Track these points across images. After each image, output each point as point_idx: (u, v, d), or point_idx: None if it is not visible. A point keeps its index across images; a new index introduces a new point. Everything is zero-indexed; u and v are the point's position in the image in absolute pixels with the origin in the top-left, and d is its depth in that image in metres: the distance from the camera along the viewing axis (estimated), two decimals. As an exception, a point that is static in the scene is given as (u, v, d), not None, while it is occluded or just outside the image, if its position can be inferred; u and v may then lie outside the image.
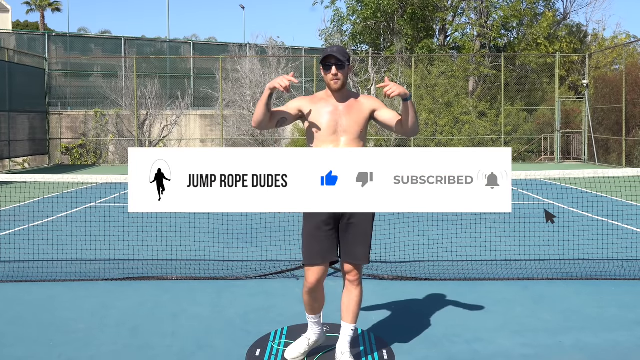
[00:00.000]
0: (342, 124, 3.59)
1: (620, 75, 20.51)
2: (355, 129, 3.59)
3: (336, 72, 3.55)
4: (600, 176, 6.47)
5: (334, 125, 3.58)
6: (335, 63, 3.54)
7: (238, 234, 8.06)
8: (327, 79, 3.59)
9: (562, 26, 28.87)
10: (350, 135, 3.59)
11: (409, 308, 4.92)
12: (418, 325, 4.50)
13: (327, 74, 3.57)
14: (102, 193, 12.68)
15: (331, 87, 3.61)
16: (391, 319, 4.64)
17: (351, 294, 3.70)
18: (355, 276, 3.67)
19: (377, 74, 26.20)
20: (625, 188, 11.24)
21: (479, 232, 7.96)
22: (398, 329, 4.42)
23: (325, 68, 3.57)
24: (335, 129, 3.58)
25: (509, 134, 24.04)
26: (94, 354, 4.00)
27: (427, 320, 4.62)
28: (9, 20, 38.92)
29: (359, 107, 3.63)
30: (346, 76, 3.60)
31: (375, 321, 4.59)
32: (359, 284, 3.70)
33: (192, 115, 25.71)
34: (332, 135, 3.58)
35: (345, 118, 3.59)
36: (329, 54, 3.55)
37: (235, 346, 4.11)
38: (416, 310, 4.87)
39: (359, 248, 3.62)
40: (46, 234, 7.96)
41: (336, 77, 3.56)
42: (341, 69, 3.56)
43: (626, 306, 4.93)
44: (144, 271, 6.11)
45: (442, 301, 5.07)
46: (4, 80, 19.52)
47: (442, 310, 4.84)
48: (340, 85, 3.59)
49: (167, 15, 76.03)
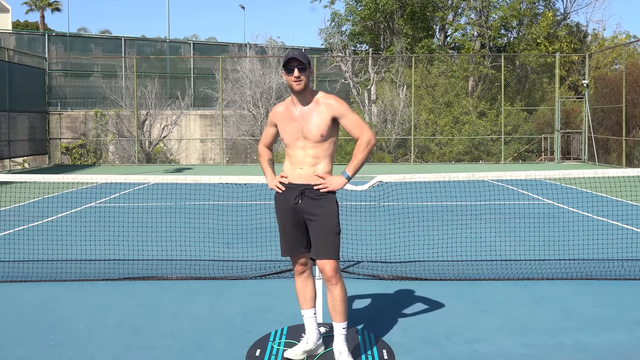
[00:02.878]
0: (302, 129, 3.74)
1: (620, 75, 20.51)
2: (315, 133, 3.72)
3: (298, 74, 3.68)
4: (600, 176, 6.46)
5: (297, 131, 3.76)
6: (297, 66, 3.68)
7: (238, 234, 8.06)
8: (289, 80, 3.72)
9: (562, 26, 28.85)
10: (311, 140, 3.73)
11: (409, 308, 4.92)
12: (418, 325, 4.50)
13: (290, 76, 3.70)
14: (102, 193, 12.68)
15: (294, 89, 3.74)
16: (391, 319, 4.64)
17: (332, 293, 3.74)
18: (328, 273, 3.70)
19: (377, 73, 26.19)
20: (625, 188, 11.24)
21: (479, 232, 7.96)
22: (398, 329, 4.42)
23: (287, 71, 3.71)
24: (297, 135, 3.76)
25: (509, 134, 24.04)
26: (94, 354, 4.00)
27: (427, 320, 4.62)
28: (9, 20, 38.94)
29: (319, 112, 3.74)
30: (308, 78, 3.73)
31: (375, 321, 4.59)
32: (336, 282, 3.72)
33: (192, 115, 25.70)
34: (297, 141, 3.77)
35: (305, 123, 3.74)
36: (290, 57, 3.71)
37: (235, 346, 4.11)
38: (416, 310, 4.87)
39: (321, 244, 3.72)
40: (46, 234, 7.96)
41: (298, 79, 3.69)
42: (303, 71, 3.69)
43: (626, 306, 4.93)
44: (144, 271, 6.10)
45: (442, 301, 5.07)
46: (4, 80, 19.52)
47: (442, 310, 4.84)
48: (302, 87, 3.71)
49: (167, 15, 76.01)
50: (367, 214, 9.47)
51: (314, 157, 3.74)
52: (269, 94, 25.02)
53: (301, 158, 3.76)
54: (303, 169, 3.75)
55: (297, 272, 3.96)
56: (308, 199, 3.73)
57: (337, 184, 3.74)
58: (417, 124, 23.79)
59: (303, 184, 3.75)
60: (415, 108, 23.55)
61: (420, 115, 23.96)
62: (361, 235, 7.40)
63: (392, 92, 24.60)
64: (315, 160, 3.74)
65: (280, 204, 3.85)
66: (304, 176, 3.75)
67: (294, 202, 3.75)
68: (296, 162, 3.78)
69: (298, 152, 3.77)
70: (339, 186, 3.76)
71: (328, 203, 3.74)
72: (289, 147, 3.81)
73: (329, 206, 3.73)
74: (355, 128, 3.77)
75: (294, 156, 3.79)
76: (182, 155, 25.05)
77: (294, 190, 3.76)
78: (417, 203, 10.32)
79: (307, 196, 3.73)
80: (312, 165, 3.74)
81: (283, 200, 3.82)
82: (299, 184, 3.76)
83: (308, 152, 3.74)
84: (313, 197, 3.73)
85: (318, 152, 3.74)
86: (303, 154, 3.75)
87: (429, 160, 23.77)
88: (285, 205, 3.80)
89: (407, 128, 23.83)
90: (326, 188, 3.72)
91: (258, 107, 24.91)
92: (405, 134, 23.88)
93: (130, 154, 23.85)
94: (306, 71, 3.70)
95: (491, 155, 23.99)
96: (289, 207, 3.79)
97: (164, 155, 24.74)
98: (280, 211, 3.87)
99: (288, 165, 3.85)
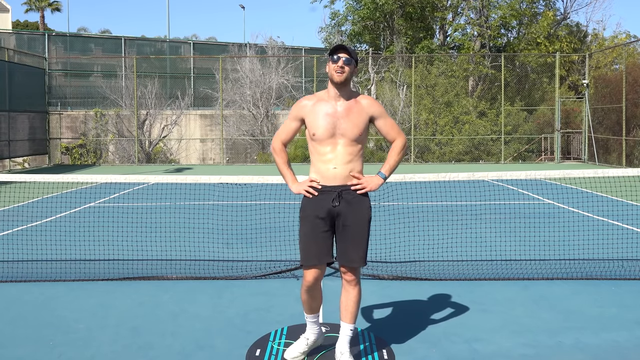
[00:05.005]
0: (340, 126, 3.58)
1: (620, 75, 20.51)
2: (354, 132, 3.58)
3: (343, 65, 3.54)
4: (600, 176, 6.46)
5: (331, 127, 3.57)
6: (344, 56, 3.55)
7: (238, 234, 8.06)
8: (332, 70, 3.57)
9: (562, 26, 28.85)
10: (348, 138, 3.58)
11: (409, 308, 4.92)
12: (418, 325, 4.49)
13: (334, 64, 3.55)
14: (102, 193, 12.67)
15: (334, 79, 3.57)
16: (391, 319, 4.64)
17: (349, 294, 3.70)
18: (352, 277, 3.67)
19: (377, 73, 26.19)
20: (625, 188, 11.24)
21: (479, 232, 7.96)
22: (398, 329, 4.41)
23: (333, 60, 3.57)
24: (333, 131, 3.57)
25: (508, 134, 24.04)
26: (94, 354, 4.00)
27: (427, 320, 4.62)
28: (8, 20, 38.93)
29: (358, 110, 3.61)
30: (351, 73, 3.59)
31: (375, 321, 4.59)
32: (356, 284, 3.70)
33: (192, 115, 25.70)
34: (330, 138, 3.58)
35: (343, 120, 3.58)
36: (339, 45, 3.58)
37: (235, 346, 4.11)
38: (416, 310, 4.87)
39: (354, 251, 3.61)
40: (46, 234, 7.95)
41: (342, 69, 3.54)
42: (348, 64, 3.55)
43: (626, 306, 4.93)
44: (144, 271, 6.10)
45: (442, 301, 5.07)
46: (4, 80, 19.51)
47: (442, 310, 4.84)
48: (343, 79, 3.56)
49: (167, 15, 76.03)
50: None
51: (349, 155, 3.59)
52: (269, 93, 25.02)
53: (335, 156, 3.58)
54: (337, 167, 3.58)
55: (310, 282, 3.67)
56: (345, 202, 3.58)
57: (374, 184, 3.63)
58: (417, 123, 23.79)
59: (339, 185, 3.59)
60: (415, 108, 23.56)
61: (420, 115, 23.96)
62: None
63: (392, 92, 24.61)
64: (349, 158, 3.59)
65: (312, 209, 3.61)
66: (340, 176, 3.58)
67: (332, 205, 3.55)
68: (328, 160, 3.58)
69: (331, 150, 3.58)
70: (376, 187, 3.64)
71: (364, 208, 3.62)
72: (320, 143, 3.59)
73: (365, 211, 3.62)
74: (392, 130, 3.73)
75: (326, 154, 3.59)
76: (182, 155, 25.05)
77: (330, 193, 3.58)
78: (417, 203, 10.31)
79: (344, 199, 3.58)
80: (346, 163, 3.58)
81: (316, 204, 3.60)
82: (334, 186, 3.58)
83: (342, 150, 3.58)
84: (350, 199, 3.59)
85: (353, 150, 3.60)
86: (337, 152, 3.58)
87: (429, 160, 23.78)
88: (319, 209, 3.59)
89: (407, 128, 23.83)
90: (364, 189, 3.60)
91: (258, 107, 24.92)
92: (405, 133, 23.87)
93: (130, 154, 23.85)
94: (351, 65, 3.56)
95: (491, 155, 23.99)
96: (323, 211, 3.58)
97: (164, 155, 24.74)
98: (310, 216, 3.61)
99: (319, 164, 3.62)
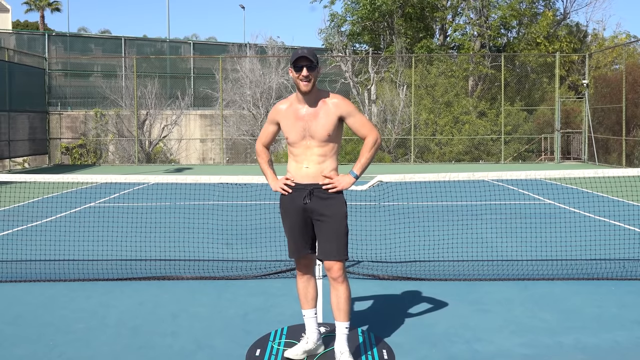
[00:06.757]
0: (309, 128, 3.69)
1: (620, 75, 20.51)
2: (322, 134, 3.68)
3: (307, 73, 3.61)
4: (600, 176, 6.46)
5: (302, 130, 3.70)
6: (307, 65, 3.61)
7: (238, 234, 8.06)
8: (298, 80, 3.65)
9: (562, 26, 28.84)
10: (318, 139, 3.69)
11: (409, 308, 4.92)
12: (418, 325, 4.50)
13: (298, 75, 3.63)
14: (102, 193, 12.67)
15: (301, 89, 3.66)
16: (391, 319, 4.64)
17: (337, 292, 3.73)
18: (336, 273, 3.70)
19: (377, 73, 26.18)
20: (625, 188, 11.24)
21: (479, 232, 7.96)
22: (398, 329, 4.41)
23: (296, 69, 3.63)
24: (303, 134, 3.70)
25: (508, 134, 24.04)
26: (94, 354, 4.00)
27: (427, 320, 4.62)
28: (8, 20, 38.90)
29: (326, 111, 3.69)
30: (316, 78, 3.67)
31: (375, 321, 4.59)
32: (342, 281, 3.72)
33: (192, 115, 25.70)
34: (302, 140, 3.72)
35: (312, 123, 3.69)
36: (300, 55, 3.62)
37: (235, 346, 4.11)
38: (416, 310, 4.87)
39: (330, 245, 3.69)
40: (46, 234, 7.95)
41: (307, 78, 3.62)
42: (312, 70, 3.62)
43: (626, 306, 4.93)
44: (144, 271, 6.10)
45: (442, 301, 5.07)
46: (4, 80, 19.52)
47: (442, 310, 4.84)
48: (309, 88, 3.65)
49: (167, 15, 76.05)
50: (367, 214, 9.47)
51: (320, 155, 3.70)
52: (268, 93, 25.02)
53: (307, 157, 3.71)
54: (309, 167, 3.71)
55: (301, 273, 3.93)
56: (317, 198, 3.69)
57: (345, 183, 3.71)
58: (417, 123, 23.79)
59: (311, 184, 3.71)
60: (415, 108, 23.55)
61: (420, 115, 23.95)
62: (361, 235, 7.40)
63: (392, 92, 24.61)
64: (321, 159, 3.70)
65: (287, 206, 3.79)
66: (311, 175, 3.70)
67: (303, 202, 3.69)
68: (301, 160, 3.73)
69: (303, 150, 3.72)
70: (347, 185, 3.72)
71: (337, 203, 3.71)
72: (293, 145, 3.75)
73: (338, 207, 3.71)
74: (362, 128, 3.76)
75: (299, 155, 3.74)
76: (182, 155, 25.05)
77: (302, 191, 3.71)
78: (417, 203, 10.31)
79: (316, 196, 3.70)
80: (318, 163, 3.70)
81: (290, 201, 3.77)
82: (306, 184, 3.71)
83: (314, 151, 3.70)
84: (322, 196, 3.70)
85: (324, 150, 3.70)
86: (309, 152, 3.71)
87: (429, 160, 23.77)
88: (293, 206, 3.75)
89: (407, 128, 23.83)
90: (335, 188, 3.69)
91: (258, 107, 24.91)
92: (405, 133, 23.88)
93: (130, 154, 23.85)
94: (315, 70, 3.64)
95: (491, 155, 23.99)
96: (297, 208, 3.74)
97: (164, 155, 24.74)
98: (287, 213, 3.81)
99: (293, 164, 3.79)
